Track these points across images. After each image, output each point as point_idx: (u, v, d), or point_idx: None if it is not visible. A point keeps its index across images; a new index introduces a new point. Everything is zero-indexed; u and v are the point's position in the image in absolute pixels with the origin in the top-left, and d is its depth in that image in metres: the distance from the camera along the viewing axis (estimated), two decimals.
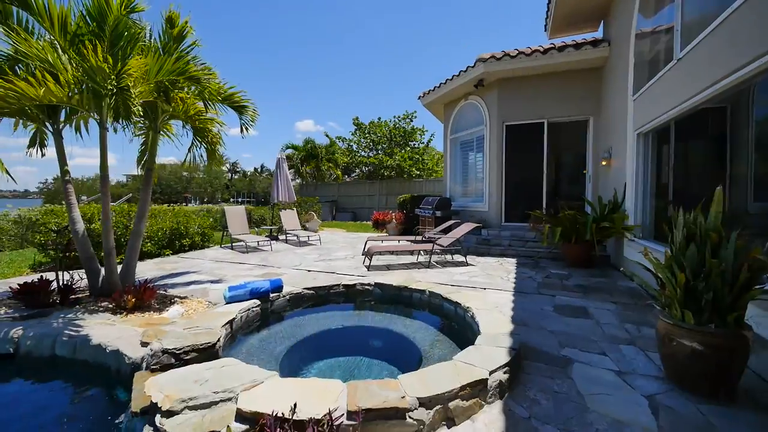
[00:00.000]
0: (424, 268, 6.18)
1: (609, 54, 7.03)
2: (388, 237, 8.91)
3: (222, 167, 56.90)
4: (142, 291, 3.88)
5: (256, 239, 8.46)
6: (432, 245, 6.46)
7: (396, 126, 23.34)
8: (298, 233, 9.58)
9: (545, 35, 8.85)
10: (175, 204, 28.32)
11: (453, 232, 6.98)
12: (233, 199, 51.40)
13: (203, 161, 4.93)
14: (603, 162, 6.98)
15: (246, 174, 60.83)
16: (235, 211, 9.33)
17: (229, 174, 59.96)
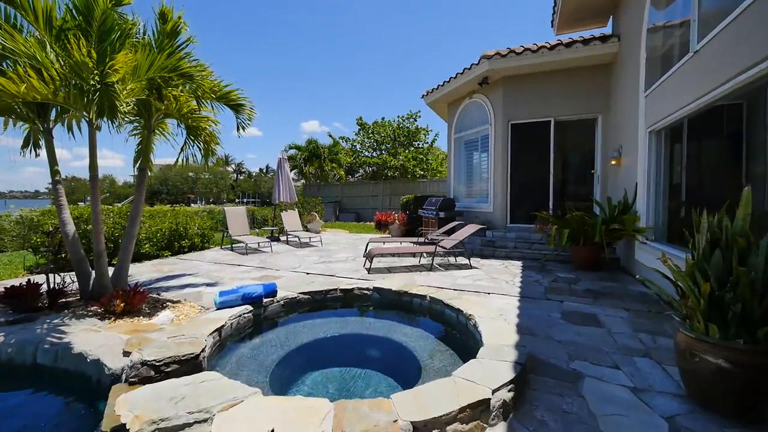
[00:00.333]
0: (426, 270, 5.99)
1: (619, 49, 6.79)
2: (390, 238, 8.73)
3: (226, 167, 57.16)
4: (131, 295, 3.73)
5: (256, 240, 8.33)
6: (435, 247, 6.27)
7: (400, 126, 23.12)
8: (299, 234, 9.43)
9: (552, 31, 8.60)
10: (180, 204, 28.39)
11: (456, 233, 6.78)
12: (238, 200, 51.54)
13: (196, 161, 4.78)
14: (612, 161, 6.73)
15: (251, 175, 61.01)
16: (236, 212, 9.21)
17: (235, 175, 60.16)
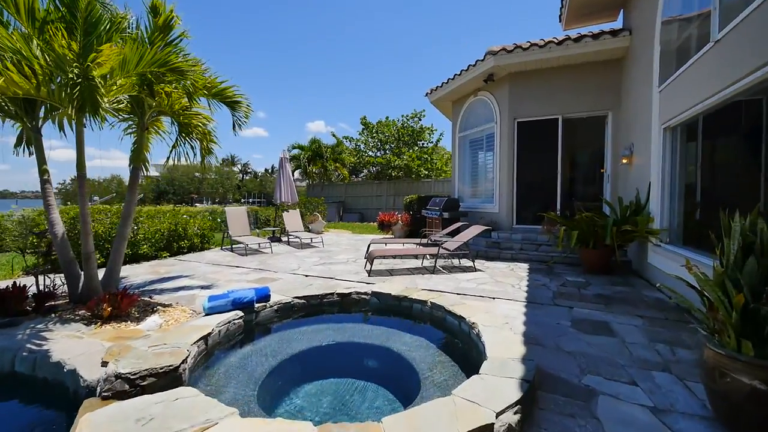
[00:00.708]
0: (428, 273, 5.78)
1: (630, 44, 6.51)
2: (392, 239, 8.53)
3: (232, 167, 57.36)
4: (119, 299, 3.58)
5: (257, 241, 8.18)
6: (438, 249, 6.06)
7: (404, 125, 22.89)
8: (300, 235, 9.27)
9: (560, 26, 8.35)
10: (183, 205, 28.43)
11: (461, 234, 6.56)
12: (244, 200, 51.60)
13: (189, 160, 4.63)
14: (623, 160, 6.46)
15: (257, 175, 61.13)
16: (236, 212, 9.08)
17: (241, 175, 60.36)
